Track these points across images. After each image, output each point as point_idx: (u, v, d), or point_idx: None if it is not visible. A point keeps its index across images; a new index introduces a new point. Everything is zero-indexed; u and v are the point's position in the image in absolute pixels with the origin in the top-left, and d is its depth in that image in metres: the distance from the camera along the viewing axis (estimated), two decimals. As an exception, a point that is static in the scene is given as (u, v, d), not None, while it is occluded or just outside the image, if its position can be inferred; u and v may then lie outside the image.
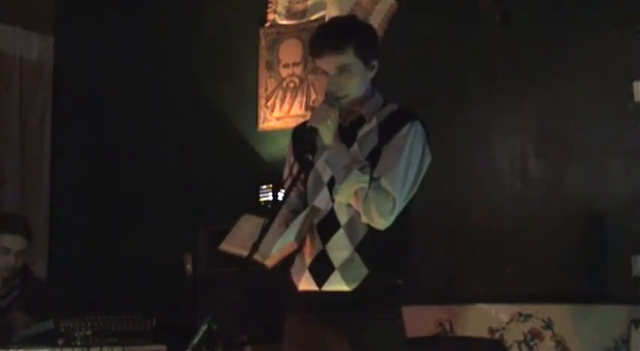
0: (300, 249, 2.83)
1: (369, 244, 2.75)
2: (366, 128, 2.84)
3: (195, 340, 2.80)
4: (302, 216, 2.76)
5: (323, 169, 2.84)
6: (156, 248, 5.69)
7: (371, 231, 2.74)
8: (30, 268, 4.52)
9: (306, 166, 2.75)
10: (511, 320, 4.73)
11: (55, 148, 6.39)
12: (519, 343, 4.68)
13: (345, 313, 2.73)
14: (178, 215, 5.73)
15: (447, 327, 4.78)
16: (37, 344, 3.89)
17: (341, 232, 2.77)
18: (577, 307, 4.62)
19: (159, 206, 5.90)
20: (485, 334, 4.71)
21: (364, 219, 2.73)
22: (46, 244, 6.00)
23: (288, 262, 2.87)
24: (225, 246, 2.86)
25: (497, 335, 4.72)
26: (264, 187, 5.36)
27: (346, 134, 2.82)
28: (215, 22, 5.98)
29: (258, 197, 5.36)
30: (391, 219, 2.71)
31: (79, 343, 3.90)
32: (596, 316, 4.56)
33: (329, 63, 2.81)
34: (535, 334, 4.68)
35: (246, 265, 2.62)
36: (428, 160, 2.82)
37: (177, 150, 5.95)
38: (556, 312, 4.65)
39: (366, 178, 2.70)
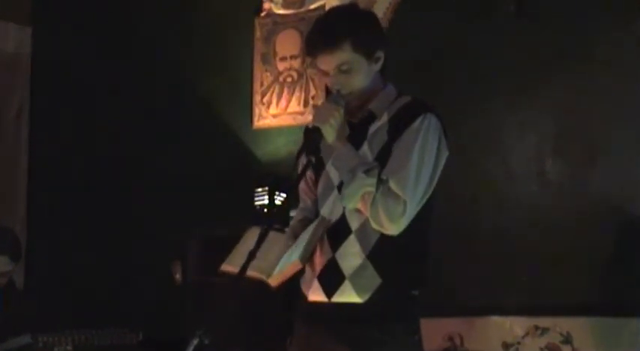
0: (311, 257, 2.82)
1: (382, 252, 2.73)
2: (376, 124, 2.80)
3: (187, 354, 2.80)
4: (310, 230, 2.75)
5: (333, 171, 2.83)
6: (142, 256, 5.77)
7: (384, 237, 2.72)
8: (14, 284, 4.56)
9: (306, 170, 2.76)
10: (527, 334, 4.75)
11: (32, 145, 6.43)
12: (536, 357, 4.70)
13: (356, 327, 2.72)
14: (166, 221, 5.76)
15: (458, 341, 4.80)
16: (14, 360, 3.94)
17: (352, 238, 2.75)
18: (598, 320, 4.64)
19: (145, 211, 5.94)
20: (498, 349, 4.74)
21: (374, 225, 2.71)
22: (23, 251, 5.99)
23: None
24: (227, 267, 2.86)
25: (512, 350, 4.73)
26: (260, 189, 5.39)
27: (356, 132, 2.80)
28: (207, 11, 6.03)
29: (253, 201, 5.38)
30: (403, 224, 2.68)
31: (59, 358, 3.95)
32: (618, 330, 4.58)
33: (326, 63, 2.80)
34: (552, 349, 4.69)
35: (238, 279, 2.61)
36: (444, 155, 2.77)
37: (166, 149, 5.99)
38: (576, 325, 4.67)
39: (372, 181, 2.67)
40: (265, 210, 5.31)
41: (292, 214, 3.13)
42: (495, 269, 4.88)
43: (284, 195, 5.36)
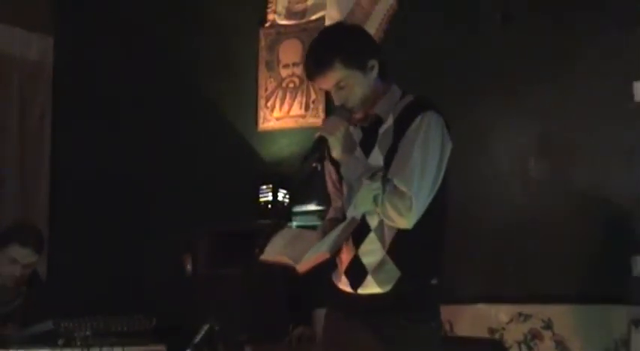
0: (338, 253, 2.84)
1: (399, 246, 2.74)
2: (384, 127, 2.81)
3: (197, 340, 2.83)
4: (340, 228, 2.75)
5: None
6: (155, 249, 5.70)
7: (399, 232, 2.73)
8: (38, 274, 4.51)
9: (312, 176, 2.79)
10: (511, 320, 4.73)
11: (54, 146, 6.41)
12: (519, 343, 4.68)
13: (380, 315, 2.74)
14: (178, 215, 5.73)
15: (447, 327, 4.77)
16: (38, 344, 3.88)
17: (372, 236, 2.78)
18: (577, 307, 4.63)
19: (159, 206, 5.91)
20: (485, 335, 4.71)
21: (387, 222, 2.73)
22: (45, 244, 6.00)
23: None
24: (266, 256, 2.84)
25: (497, 335, 4.72)
26: (264, 187, 5.38)
27: (368, 136, 2.83)
28: (215, 23, 6.00)
29: (259, 197, 5.38)
30: (413, 217, 2.68)
31: (78, 343, 3.89)
32: (596, 317, 4.56)
33: (324, 84, 2.83)
34: (535, 335, 4.68)
35: (253, 262, 2.70)
36: (449, 146, 2.77)
37: (177, 150, 5.97)
38: (556, 312, 4.65)
39: (377, 184, 2.68)
40: (269, 206, 5.31)
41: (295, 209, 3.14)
42: (483, 262, 4.90)
43: (286, 192, 5.37)
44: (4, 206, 5.97)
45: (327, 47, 2.79)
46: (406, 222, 2.69)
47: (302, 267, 2.77)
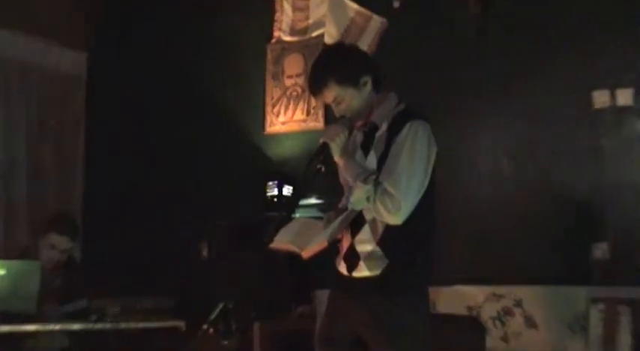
0: (340, 241, 2.88)
1: (389, 238, 2.76)
2: (379, 133, 2.83)
3: (213, 316, 2.88)
4: (338, 220, 2.78)
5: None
6: (176, 236, 5.69)
7: (389, 226, 2.75)
8: (74, 259, 4.51)
9: (317, 175, 2.80)
10: (486, 300, 4.74)
11: (87, 148, 6.40)
12: (493, 319, 4.69)
13: (370, 294, 2.77)
14: (196, 208, 5.73)
15: (431, 306, 4.79)
16: (72, 320, 3.92)
17: (366, 228, 2.80)
18: (543, 288, 4.63)
19: (179, 200, 5.89)
20: (463, 312, 4.72)
21: (379, 218, 2.75)
22: (80, 232, 6.01)
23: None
24: (275, 244, 2.88)
25: (474, 312, 4.73)
26: (271, 183, 5.38)
27: (367, 139, 2.86)
28: (228, 40, 6.00)
29: (265, 192, 5.38)
30: (402, 216, 2.70)
31: (109, 319, 3.92)
32: (560, 296, 4.57)
33: (324, 100, 2.88)
34: (507, 312, 4.68)
35: (266, 245, 2.77)
36: (434, 151, 2.78)
37: (195, 151, 5.98)
38: (525, 292, 4.65)
39: (369, 187, 2.71)
40: (275, 200, 5.31)
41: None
42: (462, 249, 4.90)
43: (290, 187, 5.38)
44: (45, 200, 5.97)
45: (323, 70, 2.84)
46: (395, 219, 2.71)
47: (306, 253, 2.82)
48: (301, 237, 2.84)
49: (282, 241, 2.85)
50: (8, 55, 5.84)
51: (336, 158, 2.82)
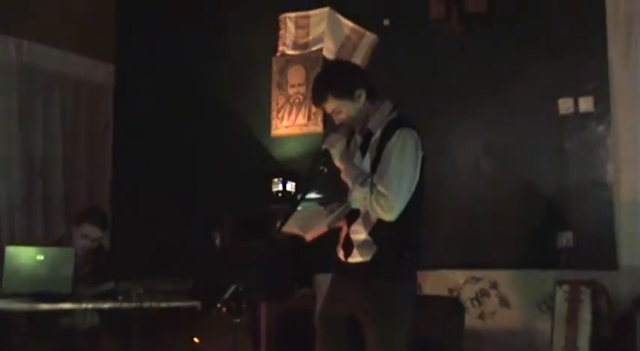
0: (339, 231, 2.92)
1: (379, 229, 2.78)
2: (374, 138, 2.85)
3: (225, 297, 2.89)
4: (338, 210, 2.85)
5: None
6: (192, 227, 5.67)
7: (380, 220, 2.78)
8: (103, 246, 4.50)
9: (319, 176, 2.84)
10: (465, 282, 4.75)
11: (115, 150, 6.37)
12: (472, 299, 4.70)
13: (363, 277, 2.80)
14: (210, 202, 5.70)
15: (418, 288, 4.79)
16: (102, 300, 3.94)
17: (359, 220, 2.83)
18: (515, 272, 4.64)
19: (195, 195, 5.88)
20: (445, 293, 4.72)
21: (374, 215, 2.77)
22: (109, 223, 6.01)
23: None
24: (285, 229, 2.90)
25: (454, 294, 4.73)
26: (275, 180, 5.37)
27: (365, 144, 2.88)
28: (238, 53, 5.98)
29: (271, 188, 5.37)
30: (395, 214, 2.72)
31: (134, 299, 3.92)
32: (530, 278, 4.58)
33: (325, 110, 2.92)
34: (484, 293, 4.69)
35: (278, 232, 2.83)
36: (420, 154, 2.79)
37: (209, 152, 5.92)
38: (500, 276, 4.66)
39: (366, 189, 2.74)
40: (280, 194, 5.30)
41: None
42: (444, 237, 4.90)
43: (293, 184, 5.37)
44: (78, 196, 5.94)
45: (323, 86, 2.88)
46: (389, 217, 2.73)
47: (309, 236, 2.91)
48: (306, 223, 2.91)
49: (290, 227, 2.91)
50: (47, 68, 5.82)
51: (337, 163, 2.84)
